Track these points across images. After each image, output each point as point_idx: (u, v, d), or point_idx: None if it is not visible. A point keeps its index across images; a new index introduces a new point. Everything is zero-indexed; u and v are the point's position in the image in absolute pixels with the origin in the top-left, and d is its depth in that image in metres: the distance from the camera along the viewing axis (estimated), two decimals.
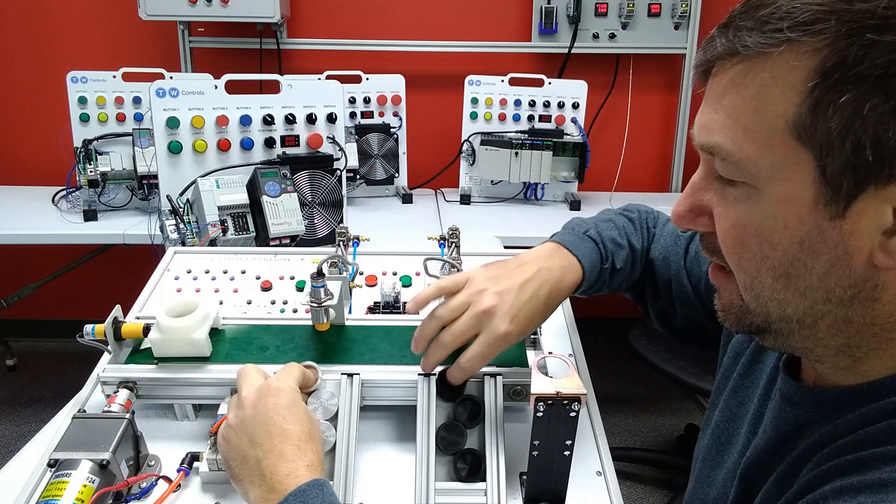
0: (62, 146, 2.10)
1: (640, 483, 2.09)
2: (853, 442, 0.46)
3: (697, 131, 0.49)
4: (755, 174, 0.44)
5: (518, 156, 2.14)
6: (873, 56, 0.38)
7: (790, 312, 0.47)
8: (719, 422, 0.69)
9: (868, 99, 0.38)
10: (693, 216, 0.52)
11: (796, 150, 0.42)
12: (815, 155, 0.41)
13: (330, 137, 1.71)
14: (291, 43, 2.56)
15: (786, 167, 0.43)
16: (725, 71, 0.45)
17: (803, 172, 0.42)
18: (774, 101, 0.42)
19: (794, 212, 0.43)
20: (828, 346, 0.48)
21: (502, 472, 0.67)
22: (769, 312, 0.48)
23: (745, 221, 0.46)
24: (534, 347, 0.86)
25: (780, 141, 0.42)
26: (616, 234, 0.82)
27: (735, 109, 0.44)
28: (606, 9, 2.50)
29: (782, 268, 0.45)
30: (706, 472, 0.69)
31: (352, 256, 1.03)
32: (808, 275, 0.45)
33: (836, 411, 0.50)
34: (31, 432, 0.80)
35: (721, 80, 0.46)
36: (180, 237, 1.28)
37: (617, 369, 2.59)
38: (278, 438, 0.60)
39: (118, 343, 0.79)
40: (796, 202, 0.43)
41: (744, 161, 0.44)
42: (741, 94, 0.44)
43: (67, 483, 0.60)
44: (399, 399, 0.76)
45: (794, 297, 0.46)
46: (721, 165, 0.46)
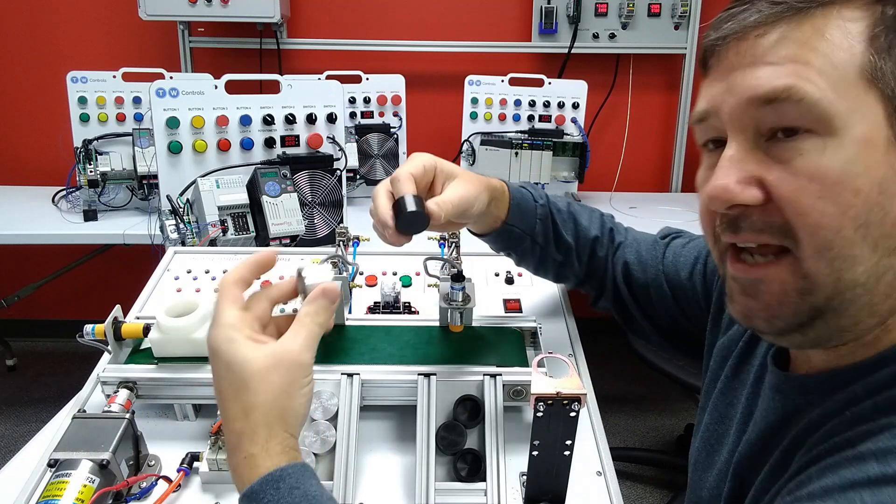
0: (62, 146, 2.10)
1: (640, 483, 2.09)
2: (841, 423, 0.47)
3: (748, 85, 0.46)
4: (832, 116, 0.43)
5: (518, 156, 2.14)
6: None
7: (859, 273, 0.45)
8: (709, 424, 0.69)
9: None
10: (742, 188, 0.47)
11: (867, 93, 0.44)
12: (883, 97, 0.43)
13: (330, 137, 1.71)
14: (291, 43, 2.56)
15: (860, 109, 0.44)
16: (768, 31, 0.46)
17: (876, 114, 0.44)
18: (841, 47, 0.44)
19: (872, 154, 0.44)
20: (873, 316, 0.47)
21: (502, 472, 0.67)
22: (840, 278, 0.45)
23: (826, 170, 0.44)
24: (534, 347, 0.86)
25: (853, 84, 0.43)
26: (560, 203, 0.83)
27: (801, 56, 0.44)
28: (606, 9, 2.50)
29: (864, 216, 0.44)
30: (697, 475, 0.69)
31: (352, 256, 1.03)
32: (885, 221, 0.44)
33: (822, 395, 0.51)
34: (31, 432, 0.80)
35: (767, 39, 0.46)
36: (180, 237, 1.28)
37: (617, 369, 2.59)
38: (224, 417, 0.53)
39: (118, 343, 0.79)
40: (873, 144, 0.44)
41: (823, 102, 0.43)
42: (803, 45, 0.44)
43: (67, 483, 0.60)
44: (399, 399, 0.76)
45: (867, 252, 0.45)
46: (793, 110, 0.44)
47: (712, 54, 0.51)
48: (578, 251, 0.85)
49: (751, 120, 0.47)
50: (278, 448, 0.51)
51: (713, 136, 0.52)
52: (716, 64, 0.50)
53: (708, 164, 0.52)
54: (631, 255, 0.85)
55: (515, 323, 0.86)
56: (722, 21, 0.49)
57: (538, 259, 0.85)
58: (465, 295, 0.81)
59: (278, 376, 0.52)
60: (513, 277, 1.01)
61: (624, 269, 0.85)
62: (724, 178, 0.47)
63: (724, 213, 0.49)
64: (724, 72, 0.49)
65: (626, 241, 0.87)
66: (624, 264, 0.85)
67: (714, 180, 0.48)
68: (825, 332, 0.48)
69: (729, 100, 0.48)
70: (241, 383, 0.52)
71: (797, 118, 0.44)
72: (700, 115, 0.52)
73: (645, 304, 0.85)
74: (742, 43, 0.47)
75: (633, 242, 0.86)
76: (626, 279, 0.85)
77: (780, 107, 0.45)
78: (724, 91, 0.48)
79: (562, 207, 0.84)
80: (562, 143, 2.18)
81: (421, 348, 0.80)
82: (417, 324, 0.85)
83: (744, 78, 0.47)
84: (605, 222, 0.88)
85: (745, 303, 0.51)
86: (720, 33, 0.49)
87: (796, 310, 0.47)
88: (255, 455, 0.51)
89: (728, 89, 0.48)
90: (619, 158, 2.68)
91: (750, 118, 0.47)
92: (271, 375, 0.52)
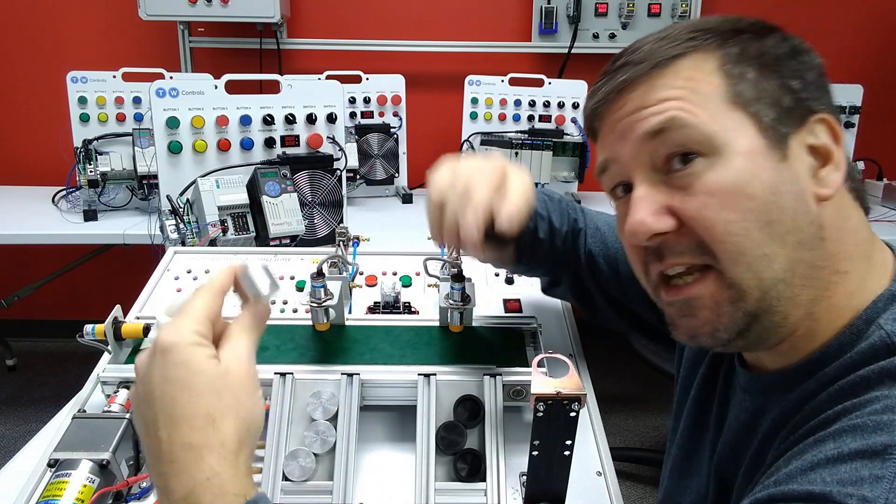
0: (62, 146, 2.10)
1: (640, 483, 2.09)
2: (802, 417, 0.50)
3: (636, 127, 0.53)
4: (714, 136, 0.50)
5: (518, 156, 2.13)
6: (749, 47, 0.52)
7: (776, 269, 0.49)
8: (684, 431, 0.71)
9: (762, 71, 0.51)
10: (656, 219, 0.52)
11: (735, 114, 0.51)
12: (749, 114, 0.50)
13: (330, 137, 1.71)
14: (291, 43, 2.56)
15: (734, 128, 0.50)
16: (637, 86, 0.53)
17: (747, 129, 0.50)
18: (703, 82, 0.51)
19: (755, 160, 0.50)
20: (798, 307, 0.51)
21: (502, 472, 0.67)
22: (762, 278, 0.50)
23: (720, 184, 0.50)
24: (534, 347, 0.86)
25: (722, 108, 0.51)
26: (538, 206, 0.81)
27: (675, 93, 0.51)
28: (606, 9, 2.50)
29: (764, 216, 0.49)
30: (675, 481, 0.71)
31: (352, 256, 1.03)
32: (783, 216, 0.49)
33: (781, 393, 0.54)
34: (31, 432, 0.80)
35: (638, 91, 0.53)
36: (180, 237, 1.28)
37: (617, 369, 2.58)
38: (167, 431, 0.44)
39: (118, 343, 0.79)
40: (753, 152, 0.50)
41: (701, 125, 0.50)
42: (672, 87, 0.52)
43: (67, 483, 0.60)
44: (399, 399, 0.76)
45: (777, 248, 0.49)
46: (679, 137, 0.51)
47: (596, 117, 0.58)
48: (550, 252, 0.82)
49: (647, 155, 0.53)
50: (245, 466, 0.45)
51: (618, 181, 0.58)
52: (602, 123, 0.57)
53: (619, 211, 0.59)
54: (595, 244, 0.83)
55: (515, 323, 0.86)
56: (597, 90, 0.57)
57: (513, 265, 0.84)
58: (465, 295, 0.81)
59: (239, 381, 0.47)
60: (513, 277, 1.01)
61: (588, 258, 0.83)
62: (639, 213, 0.53)
63: (647, 245, 0.54)
64: (611, 126, 0.56)
65: (587, 228, 0.84)
66: (588, 254, 0.83)
67: (631, 217, 0.53)
68: (762, 333, 0.52)
69: (623, 144, 0.54)
70: (202, 385, 0.45)
71: (684, 142, 0.51)
72: (602, 166, 0.59)
73: (613, 294, 0.83)
74: (619, 100, 0.55)
75: (594, 231, 0.84)
76: (590, 270, 0.83)
77: (668, 136, 0.51)
78: (618, 139, 0.55)
79: (543, 214, 0.81)
80: (562, 143, 2.18)
81: (421, 348, 0.80)
82: (417, 324, 0.85)
83: (630, 123, 0.54)
84: (569, 213, 0.85)
85: (686, 323, 0.55)
86: (598, 98, 0.57)
87: (732, 318, 0.51)
88: (221, 473, 0.43)
89: (621, 136, 0.55)
90: None
91: (646, 153, 0.53)
92: (233, 380, 0.47)
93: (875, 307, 0.50)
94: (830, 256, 0.51)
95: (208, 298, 0.50)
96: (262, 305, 0.53)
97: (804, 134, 0.51)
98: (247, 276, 0.54)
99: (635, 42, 0.56)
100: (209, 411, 0.44)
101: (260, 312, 0.53)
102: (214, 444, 0.44)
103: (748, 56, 0.52)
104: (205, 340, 0.48)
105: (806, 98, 0.52)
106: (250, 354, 0.50)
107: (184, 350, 0.46)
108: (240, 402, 0.46)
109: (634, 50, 0.55)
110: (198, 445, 0.43)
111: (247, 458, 0.46)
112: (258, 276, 0.54)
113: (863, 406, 0.45)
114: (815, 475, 0.42)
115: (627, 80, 0.54)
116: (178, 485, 0.43)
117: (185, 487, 0.43)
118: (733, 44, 0.52)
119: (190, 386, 0.45)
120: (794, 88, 0.51)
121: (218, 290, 0.51)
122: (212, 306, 0.50)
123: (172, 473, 0.43)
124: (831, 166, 0.52)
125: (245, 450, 0.46)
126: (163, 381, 0.45)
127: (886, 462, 0.40)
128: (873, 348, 0.48)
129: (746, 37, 0.53)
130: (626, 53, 0.55)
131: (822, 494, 0.41)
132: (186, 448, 0.43)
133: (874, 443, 0.42)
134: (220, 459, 0.43)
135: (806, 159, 0.51)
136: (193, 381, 0.45)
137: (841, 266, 0.51)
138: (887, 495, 0.39)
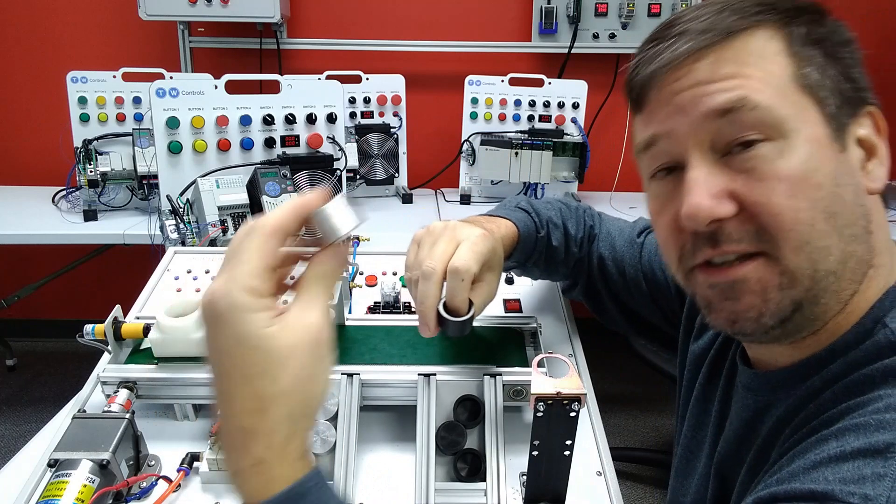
0: (62, 146, 2.10)
1: (640, 483, 2.09)
2: (806, 415, 0.50)
3: (700, 102, 0.49)
4: (783, 120, 0.47)
5: (518, 156, 2.13)
6: (815, 28, 0.50)
7: (832, 262, 0.48)
8: (687, 432, 0.71)
9: (827, 56, 0.49)
10: (717, 202, 0.48)
11: (803, 98, 0.48)
12: (816, 100, 0.48)
13: (330, 137, 1.72)
14: (291, 43, 2.56)
15: (802, 113, 0.48)
16: (702, 57, 0.49)
17: (815, 115, 0.48)
18: (772, 61, 0.48)
19: (820, 150, 0.48)
20: (840, 303, 0.50)
21: (502, 472, 0.67)
22: (817, 269, 0.48)
23: (789, 170, 0.47)
24: (534, 347, 0.86)
25: (791, 91, 0.48)
26: (552, 214, 0.83)
27: (742, 72, 0.48)
28: (606, 9, 2.50)
29: (830, 207, 0.47)
30: (679, 481, 0.71)
31: (352, 256, 1.03)
32: (844, 209, 0.48)
33: (787, 391, 0.54)
34: (31, 432, 0.80)
35: (703, 63, 0.49)
36: (180, 237, 1.28)
37: (617, 369, 2.59)
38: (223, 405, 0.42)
39: (118, 343, 0.79)
40: (819, 141, 0.48)
41: (774, 108, 0.47)
42: (740, 63, 0.48)
43: (67, 483, 0.60)
44: (399, 399, 0.76)
45: (836, 241, 0.48)
46: (749, 118, 0.47)
47: (648, 86, 0.53)
48: (567, 258, 0.86)
49: (707, 134, 0.49)
50: (296, 452, 0.42)
51: (663, 161, 0.53)
52: (654, 94, 0.52)
53: (658, 192, 0.55)
54: (605, 248, 0.86)
55: (515, 323, 0.86)
56: (651, 56, 0.52)
57: (527, 271, 0.88)
58: None
59: (303, 357, 0.41)
60: (513, 277, 1.01)
61: (599, 262, 0.86)
62: (698, 196, 0.49)
63: (701, 230, 0.50)
64: (667, 97, 0.51)
65: (601, 233, 0.87)
66: (599, 258, 0.86)
67: (689, 199, 0.49)
68: (801, 323, 0.50)
69: (681, 119, 0.50)
70: (257, 366, 0.40)
71: (752, 126, 0.47)
72: (647, 141, 0.54)
73: (621, 297, 0.86)
74: (679, 70, 0.50)
75: (606, 235, 0.87)
76: (601, 272, 0.86)
77: (736, 116, 0.48)
78: (674, 113, 0.51)
79: (557, 222, 0.84)
80: (562, 143, 2.18)
81: (421, 348, 0.80)
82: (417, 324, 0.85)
83: (693, 97, 0.49)
84: (585, 220, 0.88)
85: (729, 307, 0.51)
86: (654, 65, 0.51)
87: (779, 304, 0.49)
88: (268, 461, 0.41)
89: (678, 110, 0.50)
90: (620, 158, 2.68)
91: (707, 132, 0.49)
92: (296, 356, 0.41)
93: (882, 305, 0.50)
94: (872, 250, 0.50)
95: (266, 243, 0.42)
96: (340, 249, 0.45)
97: (856, 126, 0.50)
98: (324, 215, 0.43)
99: (684, 11, 0.52)
100: (262, 396, 0.40)
101: (339, 257, 0.45)
102: (263, 432, 0.41)
103: (814, 38, 0.49)
104: (260, 302, 0.41)
105: (862, 88, 0.51)
106: (321, 315, 0.43)
107: (236, 319, 0.40)
108: (298, 384, 0.41)
109: (694, 18, 0.50)
110: (247, 430, 0.41)
111: (298, 445, 0.42)
112: (337, 211, 0.43)
113: (866, 405, 0.45)
114: (817, 474, 0.42)
115: (690, 51, 0.49)
116: (230, 462, 0.42)
117: (234, 466, 0.42)
118: (800, 23, 0.50)
119: (243, 364, 0.40)
120: (853, 77, 0.50)
121: (280, 230, 0.42)
122: (270, 252, 0.42)
123: (226, 446, 0.42)
124: (877, 160, 0.51)
125: (298, 435, 0.42)
126: (217, 352, 0.41)
127: (889, 461, 0.40)
128: (878, 347, 0.48)
129: (810, 17, 0.50)
130: (682, 21, 0.51)
131: (824, 493, 0.41)
132: (237, 430, 0.41)
133: (877, 441, 0.41)
134: (267, 449, 0.41)
135: (857, 151, 0.50)
136: (246, 361, 0.40)
137: (876, 260, 0.51)
138: (889, 493, 0.39)
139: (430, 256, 0.64)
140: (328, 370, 0.44)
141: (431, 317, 0.64)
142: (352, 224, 0.43)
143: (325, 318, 0.43)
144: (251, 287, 0.41)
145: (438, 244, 0.65)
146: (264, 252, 0.42)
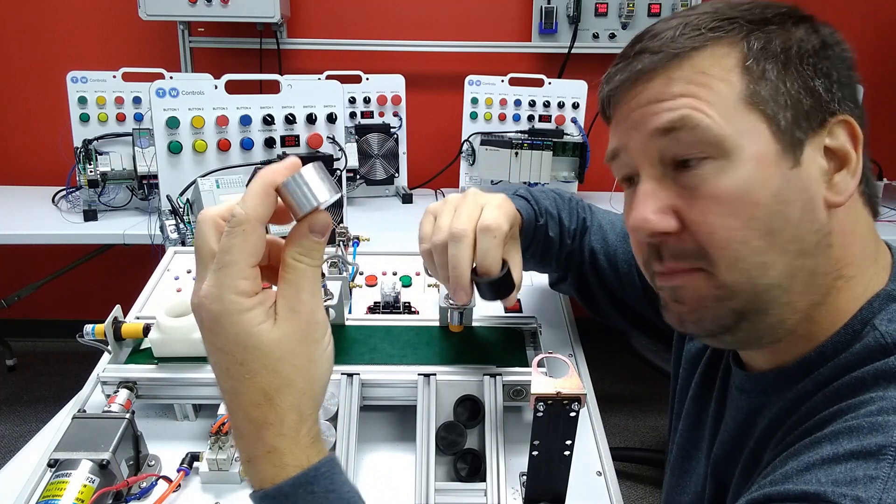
0: (62, 146, 2.10)
1: (640, 483, 2.09)
2: (798, 418, 0.50)
3: (648, 120, 0.51)
4: (724, 139, 0.48)
5: (518, 156, 2.13)
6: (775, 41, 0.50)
7: (773, 277, 0.49)
8: (683, 430, 0.71)
9: (785, 70, 0.49)
10: (659, 218, 0.51)
11: (751, 116, 0.49)
12: (765, 117, 0.48)
13: (330, 137, 1.72)
14: (291, 43, 2.56)
15: (747, 131, 0.48)
16: (655, 76, 0.51)
17: (762, 133, 0.48)
18: (720, 80, 0.49)
19: (765, 168, 0.48)
20: (796, 313, 0.51)
21: (502, 472, 0.67)
22: (755, 283, 0.49)
23: (727, 189, 0.48)
24: (534, 347, 0.86)
25: (737, 109, 0.49)
26: (548, 204, 0.83)
27: (689, 91, 0.49)
28: (606, 9, 2.50)
29: (766, 224, 0.48)
30: (675, 480, 0.71)
31: (352, 256, 1.03)
32: (786, 226, 0.48)
33: (778, 393, 0.54)
34: (31, 432, 0.80)
35: (656, 82, 0.51)
36: (180, 237, 1.28)
37: (617, 369, 2.59)
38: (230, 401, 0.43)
39: (118, 343, 0.79)
40: (764, 159, 0.48)
41: (714, 128, 0.48)
42: (689, 82, 0.49)
43: (67, 483, 0.60)
44: (399, 399, 0.76)
45: (776, 256, 0.49)
46: (690, 137, 0.49)
47: (611, 103, 0.56)
48: (560, 250, 0.86)
49: (655, 150, 0.51)
50: (308, 438, 0.43)
51: (626, 172, 0.56)
52: (615, 110, 0.56)
53: (625, 199, 0.58)
54: (597, 242, 0.85)
55: (515, 323, 0.86)
56: (613, 75, 0.55)
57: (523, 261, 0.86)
58: None
59: (299, 344, 0.43)
60: None
61: (591, 255, 0.86)
62: (643, 211, 0.52)
63: (648, 241, 0.53)
64: (624, 114, 0.54)
65: (592, 226, 0.87)
66: (591, 251, 0.86)
67: (634, 213, 0.52)
68: (754, 332, 0.52)
69: (635, 135, 0.53)
70: (256, 362, 0.41)
71: (692, 145, 0.49)
72: (611, 154, 0.57)
73: (614, 292, 0.86)
74: (634, 88, 0.53)
75: (598, 229, 0.86)
76: (592, 266, 0.86)
77: (678, 135, 0.49)
78: (630, 129, 0.53)
79: (553, 212, 0.84)
80: (562, 143, 2.18)
81: (421, 348, 0.80)
82: (417, 324, 0.85)
83: (643, 115, 0.52)
84: (578, 212, 0.88)
85: (675, 309, 0.55)
86: (613, 84, 0.54)
87: (717, 314, 0.51)
88: (280, 448, 0.42)
89: (632, 126, 0.53)
90: None
91: (654, 149, 0.51)
92: (292, 346, 0.42)
93: (870, 308, 0.50)
94: (836, 262, 0.50)
95: (247, 240, 0.41)
96: (319, 217, 0.43)
97: (822, 136, 0.50)
98: (293, 186, 0.40)
99: (658, 23, 0.53)
100: (266, 389, 0.42)
101: (319, 226, 0.43)
102: (273, 422, 0.42)
103: (772, 51, 0.49)
104: (251, 300, 0.41)
105: (828, 100, 0.49)
106: (309, 297, 0.43)
107: (230, 321, 0.41)
108: (299, 372, 0.43)
109: (654, 35, 0.52)
110: (257, 421, 0.42)
111: (309, 429, 0.44)
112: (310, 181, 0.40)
113: (858, 407, 0.45)
114: (810, 475, 0.43)
115: (643, 71, 0.52)
116: (242, 450, 0.44)
117: (246, 454, 0.44)
118: (758, 36, 0.50)
119: (244, 362, 0.42)
120: (816, 89, 0.49)
121: (257, 222, 0.41)
122: (252, 248, 0.41)
123: (238, 437, 0.44)
124: (847, 171, 0.50)
125: (307, 420, 0.44)
126: (217, 352, 0.42)
127: (881, 462, 0.41)
128: (868, 349, 0.48)
129: (773, 28, 0.50)
130: (646, 38, 0.53)
131: (816, 494, 0.41)
132: (247, 422, 0.43)
133: (869, 443, 0.42)
134: (278, 436, 0.42)
135: (820, 163, 0.49)
136: (246, 358, 0.42)
137: (846, 271, 0.51)
138: (881, 496, 0.39)
139: (457, 219, 0.65)
140: (327, 349, 0.45)
141: (467, 280, 0.64)
142: (325, 193, 0.41)
143: (314, 299, 0.43)
144: (241, 289, 0.41)
145: (462, 208, 0.67)
146: (248, 251, 0.41)
